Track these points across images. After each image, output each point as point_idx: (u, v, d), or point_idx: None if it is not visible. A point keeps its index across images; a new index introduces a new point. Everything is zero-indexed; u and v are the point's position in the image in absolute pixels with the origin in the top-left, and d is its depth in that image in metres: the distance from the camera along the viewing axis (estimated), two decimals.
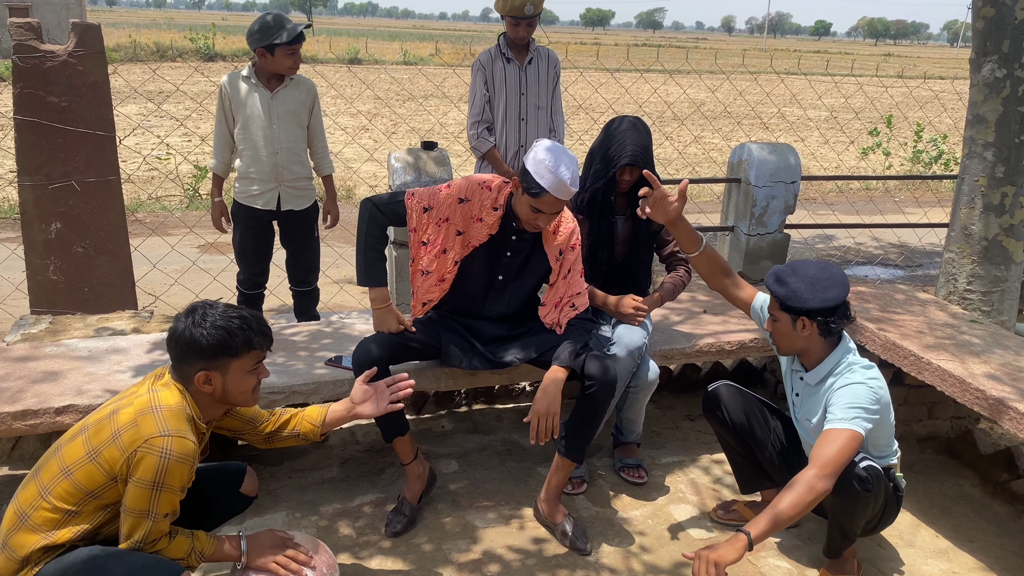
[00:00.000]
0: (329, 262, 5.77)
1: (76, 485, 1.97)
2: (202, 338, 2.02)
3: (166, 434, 1.95)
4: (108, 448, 1.96)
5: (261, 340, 2.12)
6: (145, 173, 9.88)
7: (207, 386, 2.08)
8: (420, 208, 2.74)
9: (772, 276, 2.46)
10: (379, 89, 19.64)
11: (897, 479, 2.57)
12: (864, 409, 2.33)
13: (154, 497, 1.96)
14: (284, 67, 3.68)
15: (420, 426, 3.57)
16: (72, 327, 3.54)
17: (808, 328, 2.42)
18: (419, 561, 2.65)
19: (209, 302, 2.11)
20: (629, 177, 3.01)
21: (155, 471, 1.93)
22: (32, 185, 3.86)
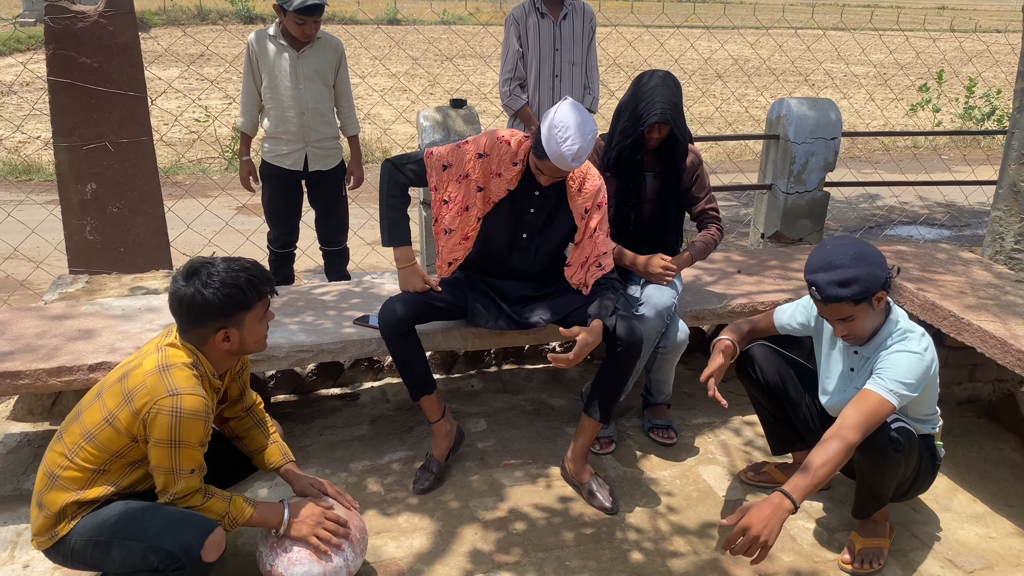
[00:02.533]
0: (361, 223, 5.78)
1: (100, 447, 2.01)
2: (214, 298, 2.01)
3: (175, 392, 1.96)
4: (122, 411, 1.99)
5: (268, 286, 2.12)
6: (184, 136, 9.97)
7: (226, 343, 2.09)
8: (439, 166, 2.71)
9: (832, 286, 2.26)
10: (415, 49, 19.51)
11: (936, 447, 2.51)
12: (907, 385, 2.26)
13: (174, 455, 1.98)
14: (293, 31, 3.65)
15: (450, 385, 3.58)
16: (108, 286, 3.59)
17: (883, 299, 2.33)
18: (446, 518, 2.66)
19: (205, 260, 2.08)
20: (658, 135, 2.92)
21: (169, 430, 1.96)
22: (67, 146, 3.91)
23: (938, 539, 2.62)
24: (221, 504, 2.10)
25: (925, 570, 2.48)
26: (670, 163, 3.01)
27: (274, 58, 3.71)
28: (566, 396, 3.49)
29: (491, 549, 2.52)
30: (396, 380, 3.61)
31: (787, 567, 2.48)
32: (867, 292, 2.26)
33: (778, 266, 3.66)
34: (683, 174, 3.06)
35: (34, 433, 3.11)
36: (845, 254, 2.28)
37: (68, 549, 2.03)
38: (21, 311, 3.02)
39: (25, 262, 5.26)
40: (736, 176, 8.00)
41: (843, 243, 2.32)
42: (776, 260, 3.76)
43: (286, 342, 2.82)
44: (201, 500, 2.08)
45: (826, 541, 2.60)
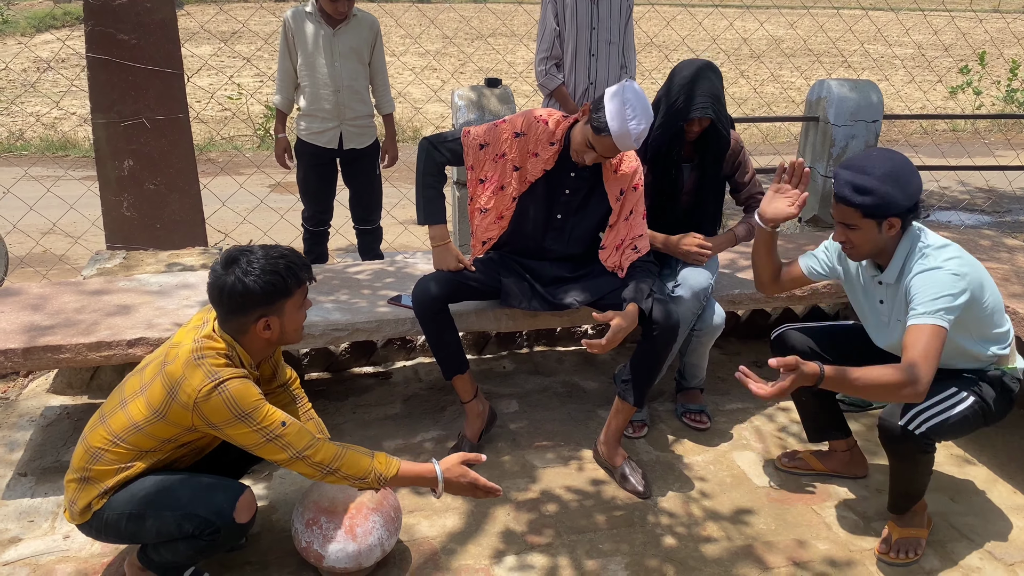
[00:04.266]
0: (394, 202, 5.78)
1: (149, 436, 2.03)
2: (256, 286, 2.00)
3: (215, 379, 1.96)
4: (171, 407, 1.99)
5: (307, 273, 2.11)
6: (218, 113, 10.02)
7: (267, 331, 2.08)
8: (476, 145, 2.70)
9: (848, 186, 2.19)
10: (447, 28, 19.43)
11: (1006, 376, 2.39)
12: (946, 297, 2.15)
13: (251, 425, 1.98)
14: (328, 8, 3.64)
15: (481, 366, 3.57)
16: (144, 262, 3.63)
17: (895, 228, 2.23)
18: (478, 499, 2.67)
19: (244, 248, 2.08)
20: (699, 128, 2.85)
21: (227, 408, 1.96)
22: (105, 122, 3.94)
23: (977, 531, 2.58)
24: (366, 459, 2.08)
25: (964, 562, 2.44)
26: (711, 154, 2.93)
27: (310, 35, 3.71)
28: (598, 379, 3.48)
29: (523, 530, 2.52)
30: (428, 360, 3.62)
31: (822, 555, 2.46)
32: (878, 210, 2.18)
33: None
34: (723, 163, 2.98)
35: (73, 406, 3.16)
36: (880, 166, 2.18)
37: (101, 523, 2.05)
38: (61, 286, 3.07)
39: (63, 237, 5.33)
40: (772, 158, 7.88)
41: (887, 156, 2.22)
42: (813, 245, 3.69)
43: (321, 320, 2.83)
44: (335, 448, 2.05)
45: (862, 530, 2.57)
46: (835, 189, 2.24)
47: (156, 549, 2.08)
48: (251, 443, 2.01)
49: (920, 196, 2.23)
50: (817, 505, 2.68)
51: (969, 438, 3.08)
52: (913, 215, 2.24)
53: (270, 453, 2.02)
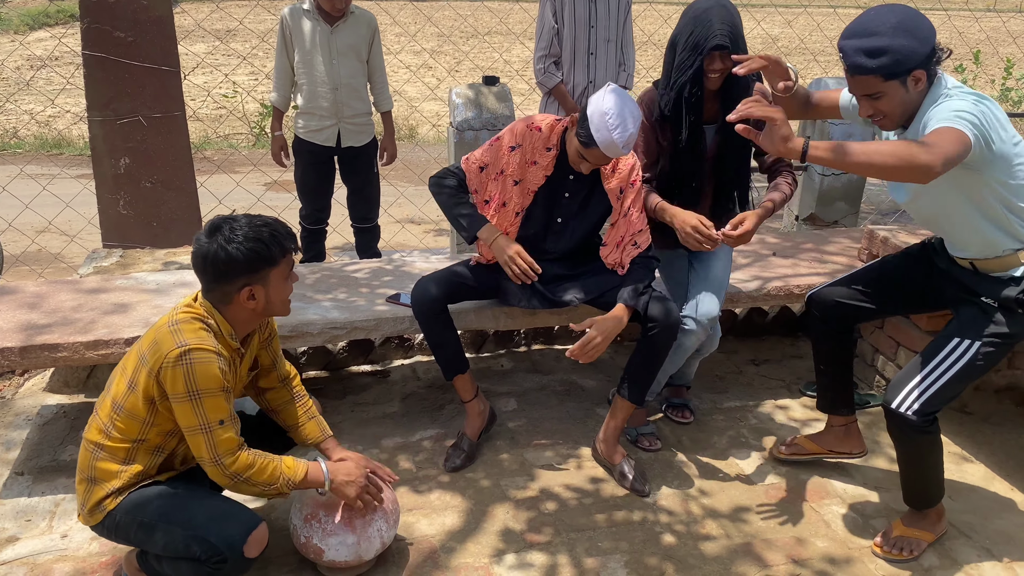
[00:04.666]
0: (391, 200, 5.78)
1: (129, 415, 2.02)
2: (239, 253, 1.98)
3: (182, 345, 1.94)
4: (140, 373, 1.99)
5: (291, 243, 2.09)
6: (213, 111, 10.00)
7: (251, 301, 2.05)
8: (476, 169, 2.72)
9: (858, 54, 2.02)
10: (443, 25, 19.40)
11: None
12: (968, 112, 1.97)
13: (196, 407, 1.96)
14: (325, 5, 3.63)
15: (480, 364, 3.57)
16: (141, 260, 3.62)
17: (921, 81, 2.07)
18: (477, 496, 2.67)
19: (228, 217, 2.05)
20: (721, 65, 2.58)
21: (184, 381, 1.94)
22: (101, 120, 3.93)
23: (976, 528, 2.58)
24: (273, 463, 2.07)
25: (962, 559, 2.45)
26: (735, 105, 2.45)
27: (308, 33, 3.70)
28: (596, 377, 3.48)
29: (523, 528, 2.52)
30: (426, 358, 3.61)
31: (820, 553, 2.46)
32: (899, 67, 2.02)
33: (813, 248, 3.61)
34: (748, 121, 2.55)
35: (70, 405, 3.15)
36: (885, 21, 2.01)
37: (113, 523, 2.04)
38: (57, 284, 3.06)
39: (59, 236, 5.32)
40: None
41: (887, 9, 2.04)
42: (811, 243, 3.70)
43: (319, 319, 2.83)
44: (248, 458, 2.03)
45: (860, 528, 2.58)
46: (846, 62, 2.07)
47: (159, 560, 2.06)
48: (187, 425, 1.99)
49: (935, 39, 2.06)
50: (816, 503, 2.68)
51: (967, 436, 3.08)
52: (936, 61, 2.08)
53: (196, 445, 2.00)
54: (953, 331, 2.29)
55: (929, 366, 2.25)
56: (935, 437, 2.30)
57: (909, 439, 2.29)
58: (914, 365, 2.28)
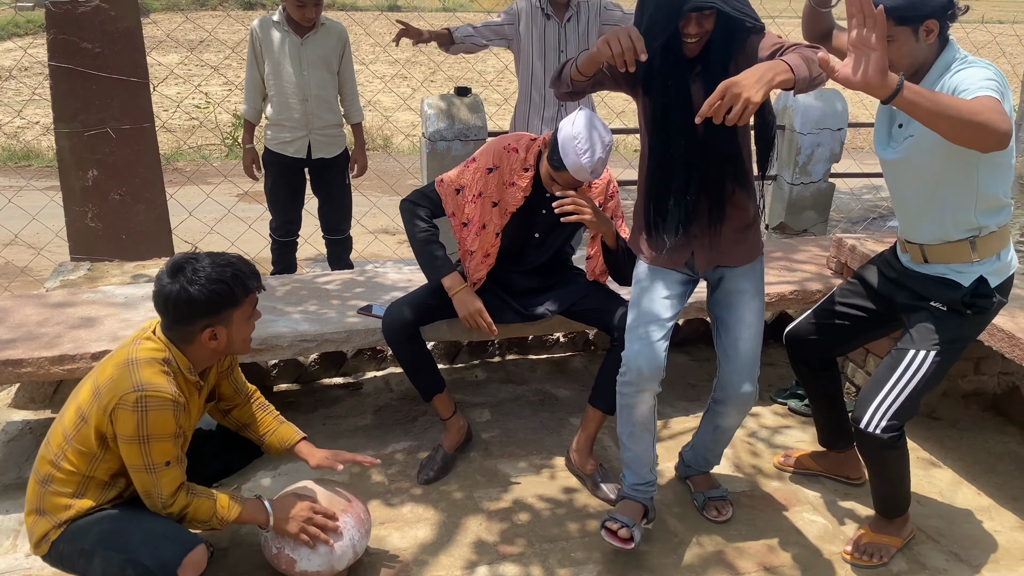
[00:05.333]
0: (363, 211, 5.75)
1: (79, 450, 1.99)
2: (201, 295, 1.96)
3: (139, 389, 1.92)
4: (92, 408, 1.96)
5: (255, 282, 2.08)
6: (185, 122, 9.92)
7: (213, 341, 2.04)
8: (452, 191, 2.70)
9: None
10: None
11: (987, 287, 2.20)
12: (994, 82, 1.93)
13: (144, 450, 1.95)
14: (294, 13, 3.62)
15: (453, 376, 3.56)
16: (109, 274, 3.58)
17: (933, 32, 2.04)
18: (450, 508, 2.65)
19: (190, 256, 2.03)
20: (697, 29, 2.10)
21: (135, 425, 1.92)
22: (68, 132, 3.88)
23: (943, 533, 2.61)
24: (208, 503, 2.07)
25: (930, 563, 2.47)
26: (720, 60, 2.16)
27: (278, 44, 3.68)
28: (570, 386, 3.48)
29: (495, 540, 2.51)
30: (399, 370, 3.60)
31: (792, 560, 2.48)
32: (913, 11, 2.01)
33: (783, 257, 3.64)
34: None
35: (36, 421, 3.09)
36: None
37: (58, 554, 2.02)
38: (23, 298, 3.01)
39: (25, 249, 5.23)
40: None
41: None
42: (780, 251, 3.74)
43: (290, 331, 2.81)
44: (186, 499, 2.04)
45: (831, 534, 2.60)
46: None
47: None
48: (131, 464, 1.98)
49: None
50: (788, 510, 2.70)
51: (935, 442, 3.12)
52: (951, 15, 2.06)
53: (138, 481, 2.00)
54: (908, 343, 2.30)
55: (890, 382, 2.26)
56: (902, 452, 2.34)
57: (879, 455, 2.32)
58: (876, 381, 2.29)
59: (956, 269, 2.24)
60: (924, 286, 2.31)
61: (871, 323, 2.53)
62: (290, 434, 2.38)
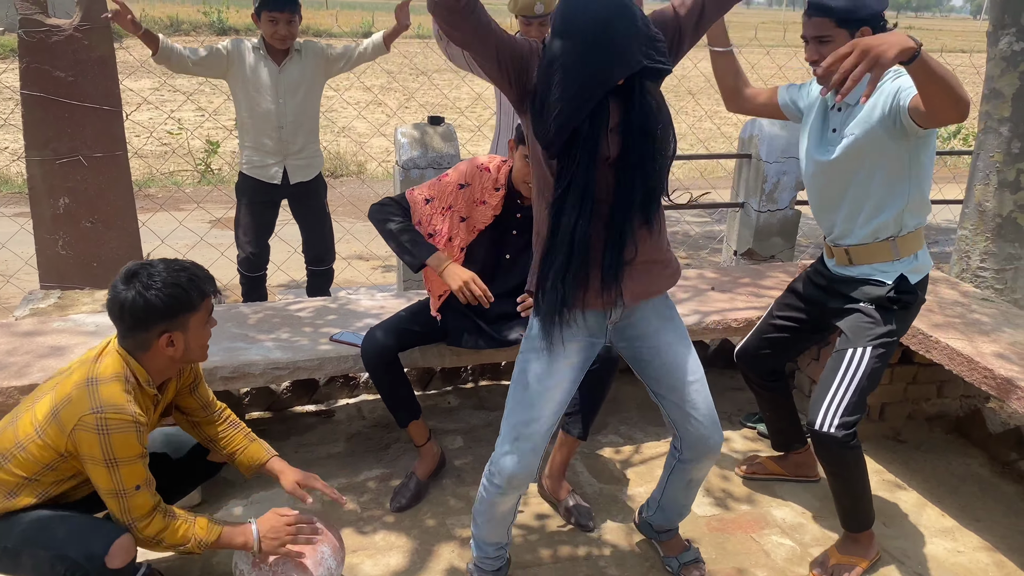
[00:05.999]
0: (338, 237, 5.76)
1: (31, 458, 1.99)
2: (157, 300, 1.96)
3: (98, 411, 1.93)
4: (50, 426, 1.96)
5: (210, 286, 2.08)
6: (157, 148, 9.88)
7: (170, 348, 2.04)
8: (422, 200, 2.73)
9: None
10: (391, 63, 19.52)
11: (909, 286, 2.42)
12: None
13: (113, 473, 1.95)
14: (267, 34, 3.63)
15: (426, 402, 3.57)
16: (80, 302, 3.55)
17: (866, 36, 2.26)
18: (422, 536, 2.66)
19: (145, 263, 2.03)
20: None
21: (100, 448, 1.93)
22: (40, 160, 3.87)
23: (908, 554, 2.66)
24: (185, 525, 2.07)
25: None
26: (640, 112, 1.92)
27: (252, 70, 3.68)
28: None
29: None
30: (372, 397, 3.60)
31: None
32: (852, 14, 2.24)
33: (750, 283, 3.71)
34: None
35: None
36: None
37: None
38: None
39: None
40: (709, 193, 8.08)
41: None
42: (748, 277, 3.80)
43: (262, 359, 2.81)
44: (163, 522, 2.04)
45: (799, 556, 2.63)
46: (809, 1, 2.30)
47: None
48: (102, 488, 1.98)
49: (887, 6, 2.30)
50: (756, 533, 2.74)
51: (900, 464, 3.18)
52: (882, 26, 2.28)
53: (110, 505, 2.00)
54: (845, 344, 2.46)
55: (835, 382, 2.41)
56: (859, 453, 2.42)
57: (836, 457, 2.40)
58: (823, 385, 2.43)
59: (880, 269, 2.45)
60: (852, 288, 2.50)
61: (808, 331, 2.73)
62: (260, 452, 2.38)
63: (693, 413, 2.19)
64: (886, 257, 2.43)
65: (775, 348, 2.79)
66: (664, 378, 2.18)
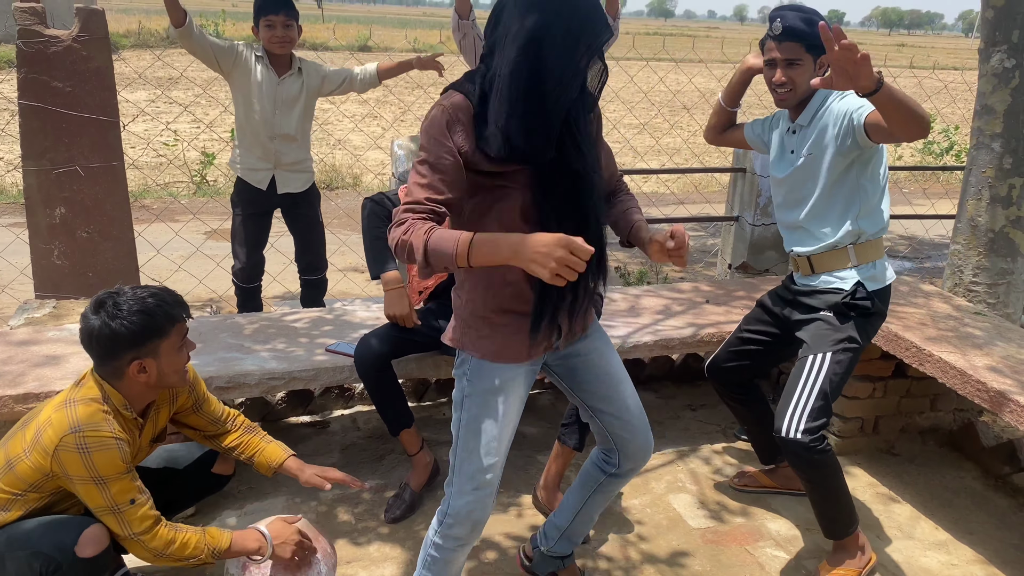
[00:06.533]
0: (333, 249, 5.77)
1: (18, 477, 2.00)
2: (123, 328, 1.97)
3: (77, 430, 1.94)
4: (34, 449, 1.97)
5: (180, 310, 2.08)
6: (153, 159, 9.89)
7: (142, 375, 2.04)
8: None
9: (797, 20, 2.38)
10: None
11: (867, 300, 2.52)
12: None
13: (103, 491, 1.96)
14: (266, 40, 3.65)
15: (421, 413, 3.57)
16: (75, 312, 3.55)
17: (825, 67, 2.44)
18: (416, 548, 2.65)
19: (113, 291, 2.04)
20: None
21: (84, 467, 1.94)
22: (36, 170, 3.87)
23: (901, 567, 2.66)
24: (195, 536, 2.07)
25: None
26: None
27: (254, 75, 3.70)
28: (538, 424, 3.51)
29: None
30: (367, 408, 3.60)
31: None
32: (820, 43, 2.36)
33: (745, 296, 3.73)
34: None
35: None
36: (815, 11, 2.42)
37: None
38: None
39: None
40: (704, 207, 8.12)
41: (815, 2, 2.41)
42: (743, 291, 3.82)
43: (257, 369, 2.81)
44: (170, 533, 2.04)
45: (793, 569, 2.64)
46: (783, 25, 2.41)
47: None
48: (96, 507, 1.99)
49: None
50: (751, 546, 2.74)
51: (894, 477, 3.19)
52: None
53: (109, 524, 2.00)
54: (806, 351, 2.53)
55: (797, 389, 2.46)
56: (831, 458, 2.43)
57: (807, 462, 2.40)
58: (787, 393, 2.47)
59: (838, 276, 2.56)
60: (813, 298, 2.61)
61: (776, 345, 2.79)
62: (278, 453, 2.41)
63: (632, 420, 2.11)
64: (843, 263, 2.55)
65: (743, 361, 2.83)
66: (599, 388, 2.09)
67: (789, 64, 2.44)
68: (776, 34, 2.44)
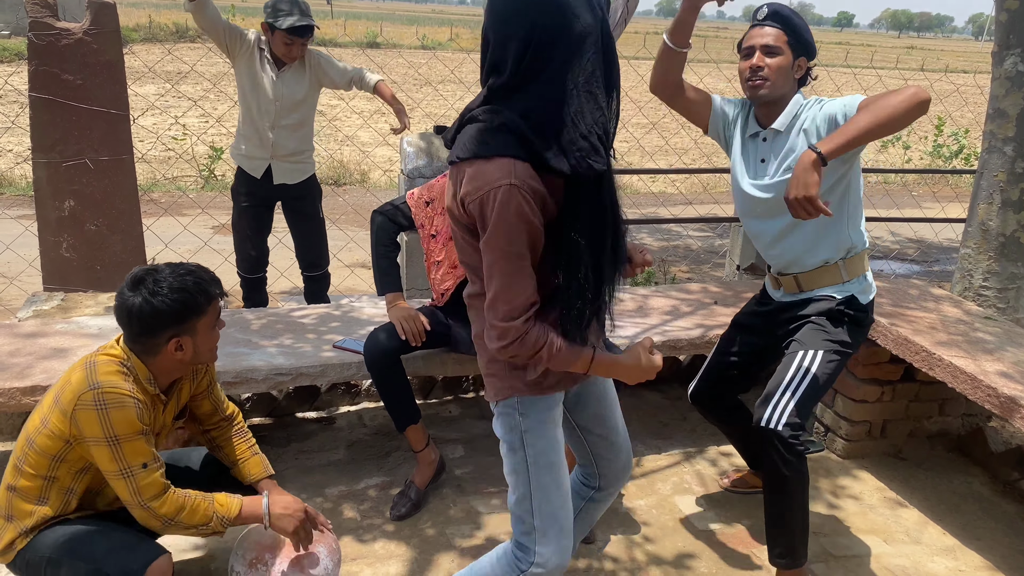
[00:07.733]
0: (340, 245, 5.78)
1: (40, 451, 1.98)
2: (164, 306, 1.96)
3: (95, 387, 1.92)
4: (53, 413, 1.96)
5: (216, 288, 2.08)
6: (162, 153, 9.91)
7: (179, 352, 2.03)
8: (422, 203, 2.76)
9: (785, 8, 2.34)
10: (395, 74, 19.60)
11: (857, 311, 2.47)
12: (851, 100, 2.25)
13: (115, 452, 1.94)
14: (279, 50, 3.65)
15: (427, 411, 3.57)
16: (83, 304, 3.55)
17: (801, 70, 2.38)
18: (422, 545, 2.65)
19: (150, 268, 2.02)
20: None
21: (99, 424, 1.92)
22: (46, 162, 3.88)
23: (908, 572, 2.65)
24: (204, 503, 2.04)
25: None
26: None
27: (258, 66, 3.70)
28: None
29: None
30: (373, 404, 3.60)
31: None
32: (799, 39, 2.34)
33: None
34: None
35: (4, 452, 3.05)
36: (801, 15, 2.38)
37: (23, 562, 2.00)
38: None
39: None
40: (712, 208, 8.10)
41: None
42: (751, 292, 3.81)
43: (265, 365, 2.81)
44: (180, 499, 2.00)
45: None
46: (768, 10, 2.36)
47: None
48: (107, 470, 1.96)
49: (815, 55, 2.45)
50: (756, 548, 2.73)
51: (902, 482, 3.18)
52: (810, 68, 2.42)
53: (119, 489, 1.98)
54: (797, 347, 2.46)
55: (785, 380, 2.39)
56: (804, 465, 2.34)
57: (782, 459, 2.32)
58: (773, 384, 2.40)
59: (829, 293, 2.49)
60: (801, 308, 2.53)
61: (759, 360, 2.72)
62: (257, 468, 2.34)
63: (618, 441, 2.06)
64: (835, 280, 2.48)
65: (726, 384, 2.75)
66: (596, 408, 2.02)
67: (769, 52, 2.33)
68: (760, 18, 2.36)
